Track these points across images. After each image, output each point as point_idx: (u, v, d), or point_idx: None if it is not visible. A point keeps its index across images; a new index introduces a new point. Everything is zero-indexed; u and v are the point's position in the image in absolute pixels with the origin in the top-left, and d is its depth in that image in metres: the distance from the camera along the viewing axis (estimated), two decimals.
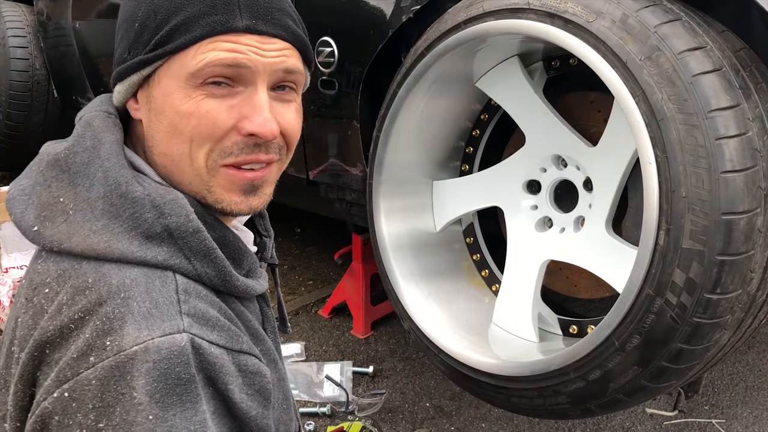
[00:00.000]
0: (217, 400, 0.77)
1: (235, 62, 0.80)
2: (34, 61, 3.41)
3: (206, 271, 0.81)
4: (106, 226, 0.77)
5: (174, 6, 0.80)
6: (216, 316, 0.79)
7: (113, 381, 0.71)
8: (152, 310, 0.74)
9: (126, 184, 0.79)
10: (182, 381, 0.72)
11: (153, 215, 0.78)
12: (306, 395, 2.19)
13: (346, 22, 1.98)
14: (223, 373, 0.76)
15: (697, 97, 1.22)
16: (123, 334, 0.72)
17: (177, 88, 0.81)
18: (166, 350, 0.72)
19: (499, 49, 1.67)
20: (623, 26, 1.30)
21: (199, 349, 0.74)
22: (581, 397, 1.42)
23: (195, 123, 0.81)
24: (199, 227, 0.80)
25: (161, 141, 0.84)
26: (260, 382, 0.81)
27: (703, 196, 1.21)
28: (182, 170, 0.84)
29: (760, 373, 2.30)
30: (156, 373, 0.71)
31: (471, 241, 1.98)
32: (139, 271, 0.76)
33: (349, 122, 2.03)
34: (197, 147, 0.82)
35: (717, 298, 1.23)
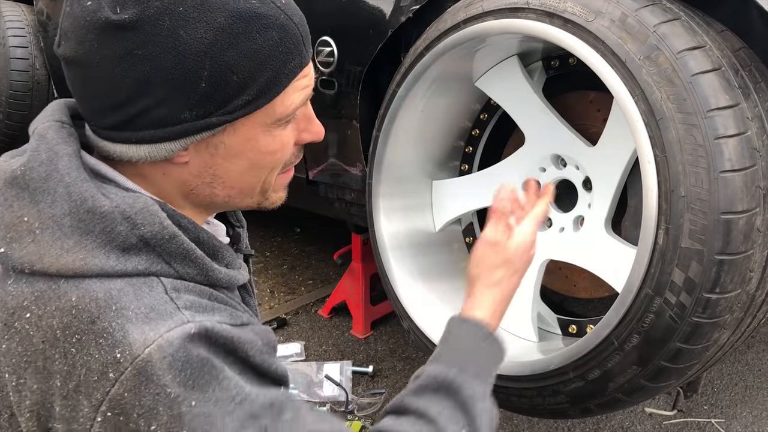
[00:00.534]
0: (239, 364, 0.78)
1: (309, 95, 0.85)
2: (34, 60, 3.41)
3: (188, 272, 0.80)
4: (78, 243, 0.75)
5: (255, 63, 0.76)
6: (210, 303, 0.80)
7: (143, 386, 0.71)
8: (150, 314, 0.73)
9: (92, 199, 0.76)
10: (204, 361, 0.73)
11: (126, 227, 0.76)
12: (305, 395, 2.19)
13: (346, 22, 1.98)
14: (241, 343, 0.77)
15: (696, 96, 1.22)
16: (130, 342, 0.71)
17: (261, 132, 0.82)
18: (178, 340, 0.72)
19: (499, 48, 1.67)
20: (622, 26, 1.30)
21: (209, 330, 0.74)
22: (580, 397, 1.42)
23: (278, 156, 0.85)
24: (174, 232, 0.79)
25: (232, 177, 0.84)
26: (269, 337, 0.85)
27: (702, 196, 1.21)
28: (250, 193, 0.88)
29: (759, 372, 2.30)
30: (178, 363, 0.71)
31: (471, 240, 1.98)
32: (122, 282, 0.75)
33: (348, 122, 2.03)
34: (272, 172, 0.87)
35: (716, 298, 1.23)
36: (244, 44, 0.75)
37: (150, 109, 0.76)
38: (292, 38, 0.79)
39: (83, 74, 0.77)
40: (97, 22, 0.73)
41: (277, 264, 3.09)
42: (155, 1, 0.73)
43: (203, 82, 0.75)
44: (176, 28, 0.73)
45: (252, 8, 0.76)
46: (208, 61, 0.74)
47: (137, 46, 0.73)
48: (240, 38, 0.75)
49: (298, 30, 0.80)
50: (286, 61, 0.79)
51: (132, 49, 0.73)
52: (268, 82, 0.78)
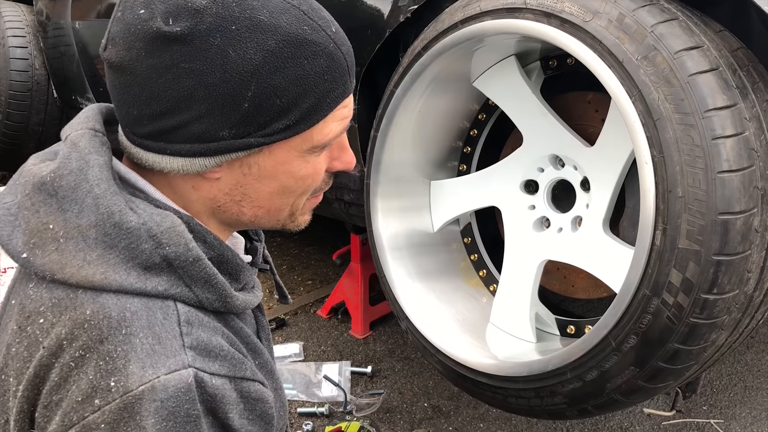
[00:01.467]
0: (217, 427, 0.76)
1: (347, 126, 0.85)
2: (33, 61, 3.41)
3: (207, 297, 0.79)
4: (101, 257, 0.74)
5: (300, 89, 0.76)
6: (219, 344, 0.78)
7: (123, 423, 0.70)
8: (156, 347, 0.72)
9: (120, 213, 0.75)
10: (192, 418, 0.72)
11: (150, 246, 0.75)
12: (304, 395, 2.19)
13: (344, 22, 1.96)
14: (224, 404, 0.76)
15: (694, 96, 1.21)
16: (128, 374, 0.70)
17: (296, 157, 0.81)
18: (173, 388, 0.71)
19: (497, 48, 1.67)
20: (620, 26, 1.30)
21: (201, 383, 0.73)
22: (578, 398, 1.42)
23: (309, 182, 0.85)
24: (199, 255, 0.78)
25: (262, 197, 0.84)
26: (262, 408, 0.81)
27: (700, 196, 1.20)
28: (277, 215, 0.88)
29: (758, 373, 2.30)
30: (165, 411, 0.70)
31: (469, 241, 1.98)
32: (139, 302, 0.74)
33: None
34: (302, 197, 0.87)
35: (714, 299, 1.22)
36: (291, 69, 0.75)
37: (189, 123, 0.75)
38: (338, 68, 0.79)
39: (126, 80, 0.76)
40: (148, 31, 0.73)
41: (277, 264, 3.09)
42: (209, 17, 0.72)
43: (246, 102, 0.74)
44: (226, 46, 0.73)
45: (304, 34, 0.76)
46: (254, 82, 0.74)
47: (185, 59, 0.73)
48: (288, 63, 0.75)
49: (345, 60, 0.80)
50: (330, 90, 0.78)
51: (179, 61, 0.73)
52: (310, 108, 0.78)
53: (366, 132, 1.93)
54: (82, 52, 3.17)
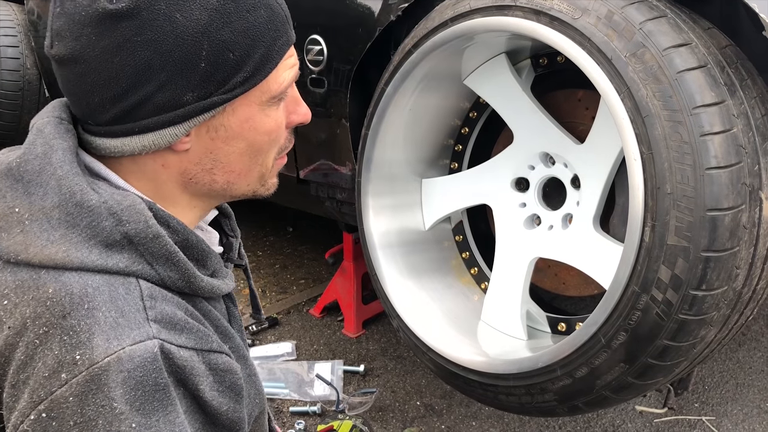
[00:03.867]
0: (188, 399, 0.77)
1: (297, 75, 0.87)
2: (25, 60, 3.40)
3: (169, 275, 0.80)
4: (63, 236, 0.75)
5: (249, 40, 0.79)
6: (183, 318, 0.79)
7: (91, 394, 0.70)
8: (119, 319, 0.73)
9: (81, 193, 0.76)
10: (160, 386, 0.73)
11: (111, 223, 0.76)
12: (296, 394, 2.19)
13: (335, 21, 1.98)
14: (193, 375, 0.77)
15: (682, 93, 1.22)
16: (93, 347, 0.71)
17: (257, 111, 0.83)
18: (139, 358, 0.72)
19: (487, 46, 1.67)
20: (608, 23, 1.30)
21: (168, 354, 0.74)
22: (568, 395, 1.42)
23: (273, 137, 0.87)
24: (158, 232, 0.79)
25: (232, 161, 0.85)
26: (231, 379, 0.82)
27: (688, 193, 1.21)
28: (248, 178, 0.89)
29: (750, 370, 2.31)
30: (132, 381, 0.71)
31: (460, 238, 1.98)
32: (101, 279, 0.75)
33: (338, 120, 2.02)
34: (269, 154, 0.88)
35: (702, 295, 1.23)
36: (237, 22, 0.78)
37: (152, 95, 0.76)
38: (278, 17, 0.82)
39: (81, 70, 0.77)
40: (94, 14, 0.74)
41: (270, 263, 3.09)
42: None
43: (203, 62, 0.76)
44: (172, 11, 0.74)
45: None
46: (206, 40, 0.76)
47: (135, 32, 0.74)
48: (233, 17, 0.77)
49: (282, 10, 0.84)
50: (275, 38, 0.81)
51: (131, 36, 0.74)
52: (262, 58, 0.80)
53: (357, 130, 1.93)
54: None
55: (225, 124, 0.82)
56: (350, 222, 2.30)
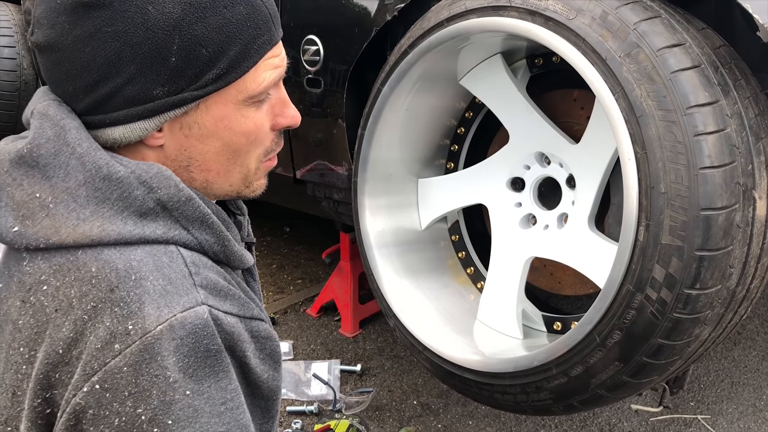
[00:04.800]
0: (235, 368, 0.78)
1: (281, 76, 0.84)
2: (21, 60, 3.39)
3: (206, 239, 0.80)
4: (95, 212, 0.75)
5: (223, 36, 0.77)
6: (226, 285, 0.79)
7: (144, 364, 0.70)
8: (167, 287, 0.73)
9: (107, 166, 0.76)
10: (212, 352, 0.73)
11: (142, 191, 0.76)
12: (293, 394, 2.19)
13: (332, 21, 1.98)
14: (240, 341, 0.77)
15: (676, 93, 1.22)
16: (144, 316, 0.71)
17: (232, 111, 0.82)
18: (190, 324, 0.72)
19: (483, 46, 1.67)
20: (603, 23, 1.30)
21: (217, 320, 0.75)
22: (564, 393, 1.43)
23: (252, 138, 0.84)
24: (190, 195, 0.79)
25: (207, 159, 0.84)
26: (271, 346, 0.83)
27: (682, 192, 1.21)
28: (228, 179, 0.87)
29: (745, 369, 2.31)
30: (185, 348, 0.71)
31: (456, 238, 1.98)
32: (142, 251, 0.75)
33: (334, 120, 2.03)
34: (249, 157, 0.86)
35: (696, 294, 1.23)
36: (212, 18, 0.76)
37: (122, 87, 0.76)
38: (259, 14, 0.80)
39: (56, 58, 0.77)
40: (68, 3, 0.74)
41: (266, 263, 3.09)
42: None
43: (173, 56, 0.76)
44: (145, 3, 0.74)
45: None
46: (177, 35, 0.75)
47: (106, 23, 0.74)
48: (208, 12, 0.76)
49: (266, 8, 0.82)
50: (255, 36, 0.80)
51: (102, 26, 0.74)
52: (238, 55, 0.79)
53: (353, 130, 1.93)
54: None
55: (198, 121, 0.81)
56: (347, 222, 2.30)
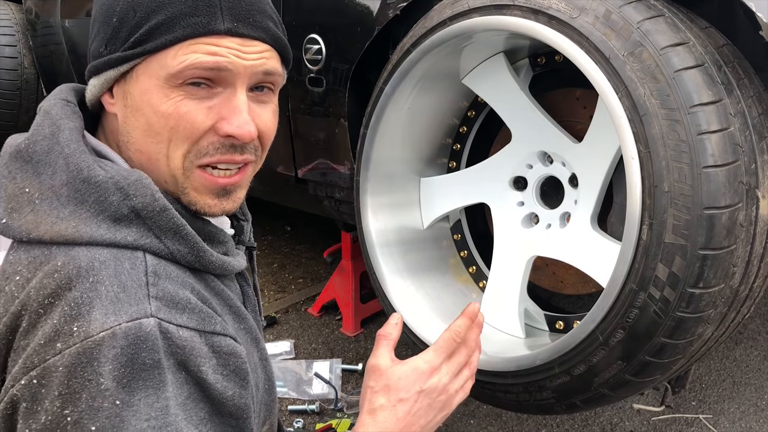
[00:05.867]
0: (191, 384, 0.77)
1: (216, 65, 0.81)
2: (23, 59, 3.40)
3: (179, 249, 0.80)
4: (73, 212, 0.77)
5: (154, 4, 0.79)
6: (187, 297, 0.79)
7: (80, 367, 0.71)
8: (120, 294, 0.74)
9: (88, 169, 0.78)
10: (147, 366, 0.73)
11: (118, 197, 0.78)
12: (295, 393, 2.19)
13: (334, 20, 1.98)
14: (194, 356, 0.76)
15: (680, 92, 1.22)
16: (90, 320, 0.72)
17: (156, 87, 0.81)
18: (133, 335, 0.72)
19: (485, 45, 1.67)
20: (606, 22, 1.30)
21: (167, 333, 0.74)
22: (566, 392, 1.43)
23: (173, 124, 0.82)
24: (165, 205, 0.80)
25: (138, 138, 0.84)
26: (235, 363, 0.81)
27: (686, 191, 1.21)
28: (159, 169, 0.85)
29: (747, 368, 2.31)
30: (123, 358, 0.71)
31: (458, 237, 1.98)
32: (108, 253, 0.76)
33: (336, 119, 2.03)
34: (175, 148, 0.83)
35: (699, 293, 1.23)
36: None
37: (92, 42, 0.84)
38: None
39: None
40: None
41: (268, 262, 3.09)
42: None
43: (115, 17, 0.81)
44: None
45: None
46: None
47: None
48: None
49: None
50: (187, 13, 0.79)
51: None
52: (160, 25, 0.79)
53: (356, 129, 1.93)
54: (72, 51, 3.16)
55: (131, 90, 0.83)
56: (348, 221, 2.30)
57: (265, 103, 0.88)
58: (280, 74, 0.89)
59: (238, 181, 0.88)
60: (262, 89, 0.87)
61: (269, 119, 0.89)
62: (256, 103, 0.86)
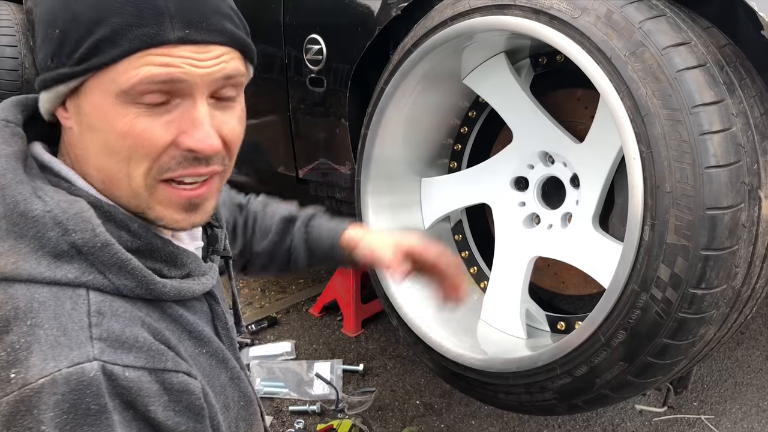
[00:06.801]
0: (139, 421, 0.74)
1: (170, 77, 0.74)
2: (23, 59, 3.39)
3: (125, 284, 0.77)
4: (12, 247, 0.73)
5: (96, 16, 0.72)
6: (134, 335, 0.75)
7: (19, 416, 0.68)
8: (60, 338, 0.70)
9: (24, 202, 0.74)
10: (92, 412, 0.70)
11: (57, 233, 0.74)
12: (296, 393, 2.19)
13: (334, 20, 1.98)
14: (141, 396, 0.73)
15: (681, 92, 1.22)
16: (29, 366, 0.69)
17: (109, 104, 0.75)
18: (75, 381, 0.69)
19: (486, 45, 1.67)
20: (608, 22, 1.30)
21: (111, 375, 0.71)
22: (568, 393, 1.43)
23: (131, 143, 0.76)
24: (107, 240, 0.75)
25: (96, 156, 0.78)
26: (188, 399, 0.78)
27: (688, 192, 1.21)
28: (120, 188, 0.80)
29: (749, 369, 2.31)
30: (65, 405, 0.69)
31: (460, 238, 1.98)
32: (48, 292, 0.72)
33: (337, 120, 2.03)
34: (135, 166, 0.77)
35: (702, 293, 1.23)
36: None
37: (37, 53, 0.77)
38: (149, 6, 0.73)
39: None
40: None
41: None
42: None
43: (57, 28, 0.74)
44: None
45: None
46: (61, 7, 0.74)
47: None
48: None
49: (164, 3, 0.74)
50: (133, 25, 0.73)
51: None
52: (105, 39, 0.73)
53: (356, 129, 1.93)
54: None
55: (83, 106, 0.76)
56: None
57: (230, 108, 0.82)
58: (243, 74, 0.82)
59: (204, 193, 0.82)
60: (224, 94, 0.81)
61: (235, 125, 0.83)
62: (220, 110, 0.80)
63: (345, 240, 1.25)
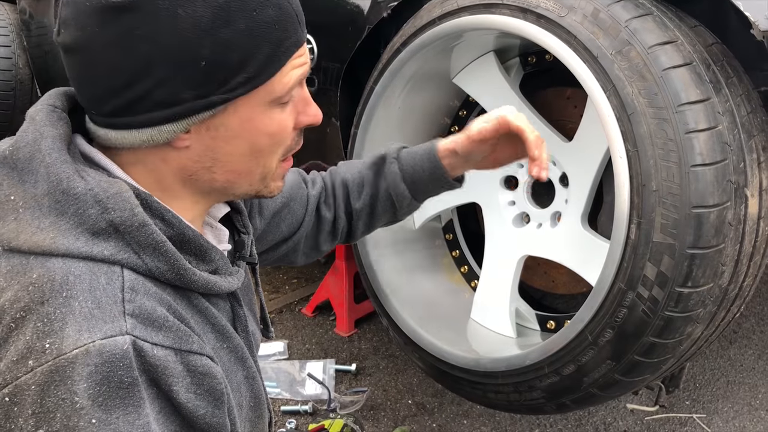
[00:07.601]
0: (162, 399, 0.76)
1: (306, 74, 0.84)
2: (17, 60, 3.39)
3: (157, 266, 0.79)
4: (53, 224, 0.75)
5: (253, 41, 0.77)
6: (164, 315, 0.77)
7: (53, 386, 0.69)
8: (94, 311, 0.72)
9: (67, 180, 0.76)
10: (125, 384, 0.71)
11: (96, 211, 0.76)
12: (288, 393, 2.19)
13: (325, 19, 1.98)
14: (166, 375, 0.75)
15: (667, 91, 1.22)
16: (63, 336, 0.70)
17: (260, 112, 0.81)
18: (108, 353, 0.71)
19: (475, 44, 1.67)
20: (594, 21, 1.30)
21: (141, 351, 0.73)
22: (556, 392, 1.43)
23: (277, 139, 0.85)
24: (144, 221, 0.78)
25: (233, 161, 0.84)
26: (210, 383, 0.80)
27: (674, 190, 1.21)
28: (250, 179, 0.87)
29: (741, 368, 2.31)
30: (98, 376, 0.70)
31: (450, 237, 1.98)
32: (84, 266, 0.74)
33: (328, 119, 2.02)
34: (273, 157, 0.87)
35: (688, 292, 1.23)
36: (241, 21, 0.76)
37: (151, 90, 0.76)
38: (288, 17, 0.80)
39: (83, 60, 0.77)
40: (97, 5, 0.74)
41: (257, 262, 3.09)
42: None
43: (203, 60, 0.75)
44: (174, 6, 0.73)
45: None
46: (207, 39, 0.75)
47: (136, 26, 0.73)
48: (238, 15, 0.75)
49: (293, 9, 0.81)
50: (283, 38, 0.79)
51: (131, 29, 0.74)
52: (267, 59, 0.78)
53: (347, 129, 1.93)
54: None
55: (225, 123, 0.81)
56: None
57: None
58: None
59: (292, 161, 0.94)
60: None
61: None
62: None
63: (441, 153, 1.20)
